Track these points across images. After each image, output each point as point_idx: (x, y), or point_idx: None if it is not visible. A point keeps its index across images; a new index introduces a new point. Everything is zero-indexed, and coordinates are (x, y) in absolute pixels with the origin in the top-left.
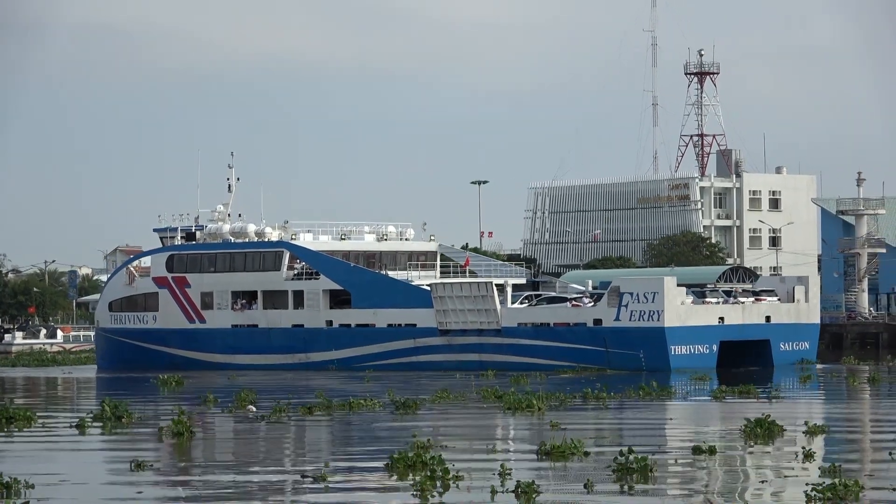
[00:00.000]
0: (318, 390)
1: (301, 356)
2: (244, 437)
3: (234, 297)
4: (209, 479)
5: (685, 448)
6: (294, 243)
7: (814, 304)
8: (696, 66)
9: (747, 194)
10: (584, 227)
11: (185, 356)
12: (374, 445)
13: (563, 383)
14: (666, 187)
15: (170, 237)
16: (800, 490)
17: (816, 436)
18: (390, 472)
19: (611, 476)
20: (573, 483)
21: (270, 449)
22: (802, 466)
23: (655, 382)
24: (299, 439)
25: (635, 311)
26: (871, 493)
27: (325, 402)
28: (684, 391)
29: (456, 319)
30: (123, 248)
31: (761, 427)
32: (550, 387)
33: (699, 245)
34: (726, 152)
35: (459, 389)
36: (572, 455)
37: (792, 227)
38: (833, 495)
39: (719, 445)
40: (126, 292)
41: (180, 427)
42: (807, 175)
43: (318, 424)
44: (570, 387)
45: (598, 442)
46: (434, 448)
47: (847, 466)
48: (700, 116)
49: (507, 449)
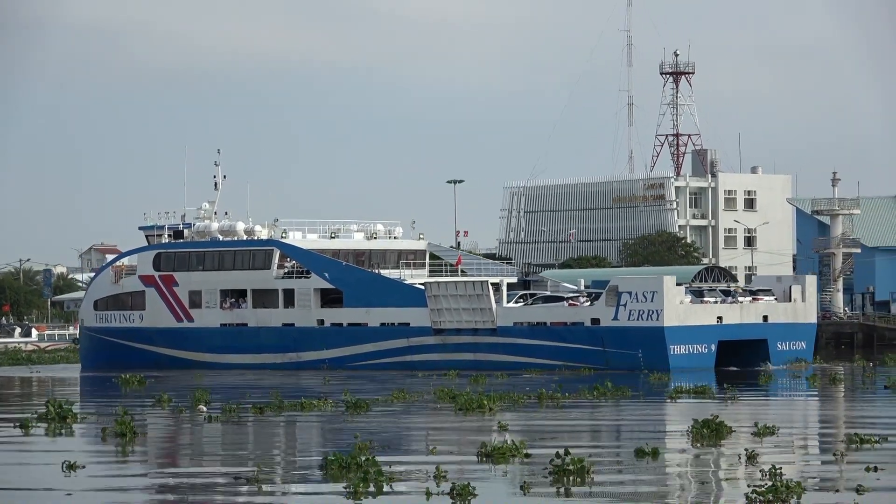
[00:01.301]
0: (275, 390)
1: (292, 355)
2: (187, 437)
3: (223, 295)
4: (142, 480)
5: (629, 450)
6: (284, 241)
7: (810, 303)
8: (671, 66)
9: (722, 194)
10: (560, 227)
11: (172, 355)
12: (316, 446)
13: (524, 384)
14: (641, 187)
15: (156, 235)
16: (740, 492)
17: (765, 437)
18: (325, 474)
19: (547, 478)
20: (510, 485)
21: (209, 450)
22: (745, 468)
23: (610, 382)
24: (242, 440)
25: (634, 311)
26: (812, 495)
27: (278, 402)
28: (642, 391)
29: (451, 318)
30: (99, 246)
31: (708, 428)
32: (509, 387)
33: (674, 245)
34: (702, 152)
35: (418, 389)
36: (513, 457)
37: (767, 227)
38: (774, 497)
39: (664, 447)
40: (112, 291)
41: (123, 428)
42: (782, 175)
43: (266, 425)
44: (529, 386)
45: (541, 443)
46: (375, 449)
47: (791, 468)
48: (675, 116)
49: (449, 451)
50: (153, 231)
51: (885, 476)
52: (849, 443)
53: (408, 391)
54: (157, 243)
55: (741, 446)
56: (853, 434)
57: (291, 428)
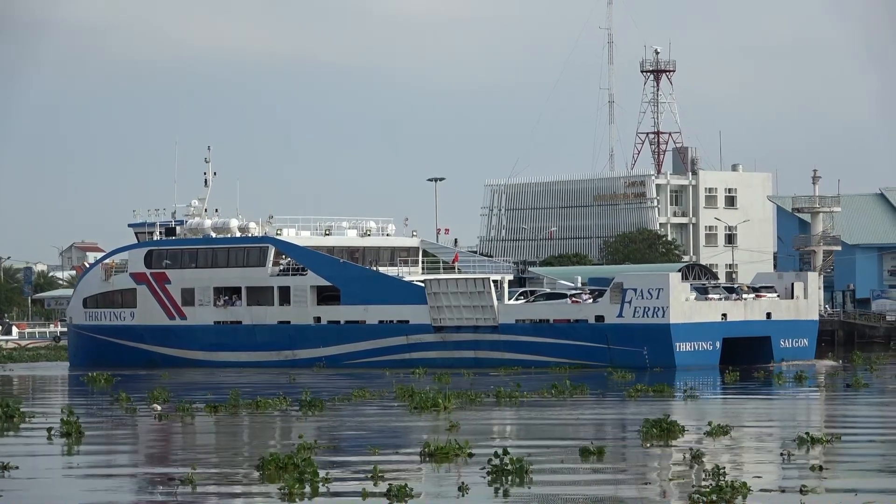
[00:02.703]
0: (234, 389)
1: (287, 353)
2: (133, 437)
3: (217, 293)
4: (77, 480)
5: (576, 449)
6: (280, 238)
7: (812, 300)
8: (652, 64)
9: (703, 192)
10: (540, 224)
11: (164, 353)
12: (260, 446)
13: (491, 382)
14: (622, 185)
15: (147, 233)
16: (684, 493)
17: (717, 436)
18: (261, 475)
19: (486, 478)
20: (449, 485)
21: (152, 451)
22: (691, 468)
23: (568, 381)
24: (186, 440)
25: (639, 308)
26: (758, 495)
27: (232, 401)
28: (601, 389)
29: (451, 316)
30: (79, 244)
31: (658, 428)
32: (477, 386)
33: (655, 242)
34: (682, 150)
35: (380, 388)
36: (456, 456)
37: (748, 225)
38: (718, 498)
39: (611, 446)
40: (102, 288)
41: (68, 427)
42: (763, 173)
43: (215, 424)
44: (493, 384)
45: (490, 442)
46: (320, 449)
47: (738, 468)
48: (656, 114)
49: (394, 450)
50: (144, 228)
51: (829, 476)
52: (800, 442)
53: (369, 389)
54: (148, 240)
55: (690, 446)
56: (805, 433)
57: (240, 427)
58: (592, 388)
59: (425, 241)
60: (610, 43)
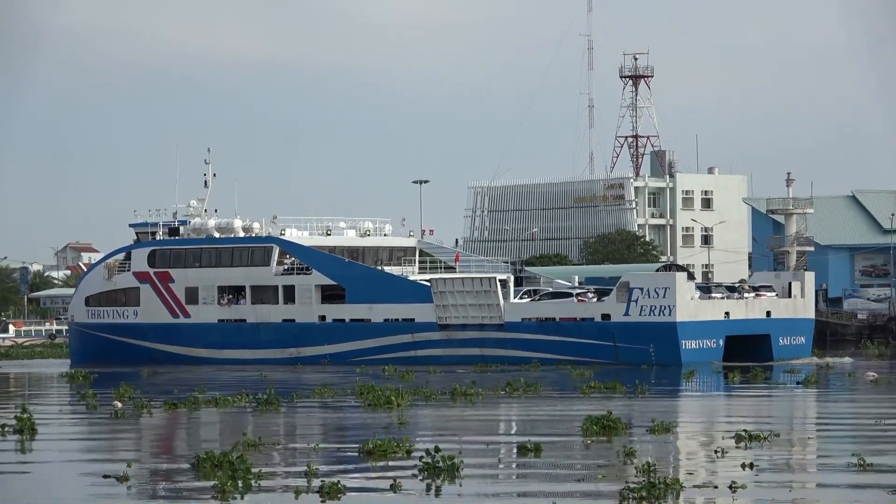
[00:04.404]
0: (200, 386)
1: (292, 351)
2: (86, 434)
3: (220, 292)
4: (8, 477)
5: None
6: (283, 238)
7: (809, 299)
8: (630, 70)
9: (680, 194)
10: (522, 226)
11: (167, 351)
12: (206, 444)
13: (456, 378)
14: (601, 187)
15: (149, 233)
16: (615, 489)
17: (660, 434)
18: (197, 473)
19: (417, 476)
20: (382, 482)
21: (99, 447)
22: (624, 465)
23: (523, 378)
24: (135, 437)
25: (646, 306)
26: (690, 492)
27: (193, 398)
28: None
29: (457, 314)
30: (74, 244)
31: (598, 425)
32: (442, 383)
33: (634, 243)
34: (660, 153)
35: (345, 385)
36: (394, 453)
37: (723, 226)
38: (648, 494)
39: (549, 444)
40: (105, 287)
41: (21, 424)
42: (738, 175)
43: (168, 421)
44: (458, 381)
45: (434, 440)
46: (264, 446)
47: (673, 465)
48: (635, 118)
49: (336, 448)
50: (145, 228)
51: (761, 473)
52: (738, 439)
53: (330, 386)
54: (149, 240)
55: (629, 443)
56: (742, 430)
57: (193, 424)
58: (547, 385)
59: (422, 242)
60: (590, 49)
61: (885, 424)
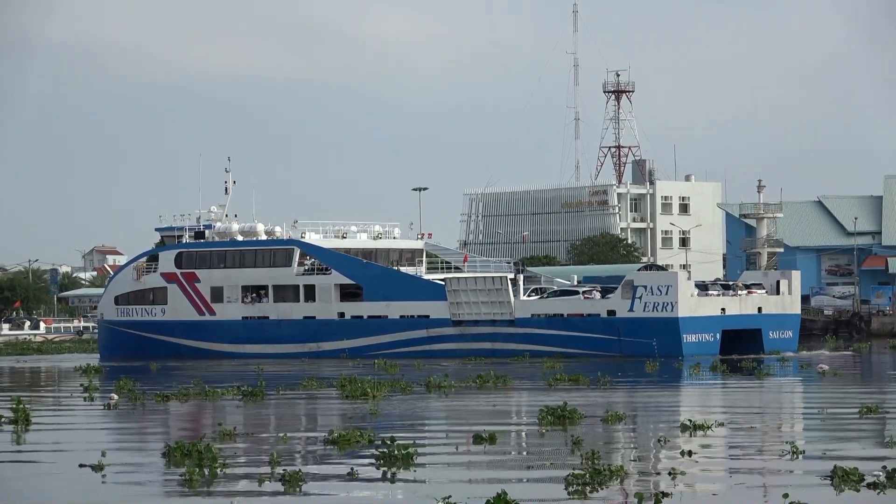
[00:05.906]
0: (196, 378)
1: (312, 345)
2: (77, 425)
3: (244, 291)
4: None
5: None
6: (304, 241)
7: (796, 295)
8: (613, 85)
9: (660, 200)
10: (514, 229)
11: (193, 346)
12: (186, 435)
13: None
14: (587, 193)
15: (175, 236)
16: (560, 476)
17: (613, 424)
18: (167, 461)
19: (374, 464)
20: (340, 470)
21: (83, 438)
22: (572, 454)
23: (493, 371)
24: (122, 428)
25: (649, 303)
26: (632, 479)
27: (184, 390)
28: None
29: (470, 311)
30: (100, 247)
31: (554, 415)
32: (422, 375)
33: (617, 245)
34: (641, 162)
35: (331, 378)
36: (357, 443)
37: (700, 229)
38: (591, 480)
39: (503, 434)
40: (133, 287)
41: (17, 415)
42: (713, 182)
43: (160, 413)
44: (438, 375)
45: (397, 430)
46: (239, 436)
47: (617, 453)
48: (617, 130)
49: (302, 438)
50: (172, 232)
51: (701, 460)
52: (682, 429)
53: (317, 379)
54: (175, 243)
55: (579, 433)
56: (688, 420)
57: (178, 416)
58: (516, 377)
59: (429, 244)
60: (576, 67)
61: (827, 414)
